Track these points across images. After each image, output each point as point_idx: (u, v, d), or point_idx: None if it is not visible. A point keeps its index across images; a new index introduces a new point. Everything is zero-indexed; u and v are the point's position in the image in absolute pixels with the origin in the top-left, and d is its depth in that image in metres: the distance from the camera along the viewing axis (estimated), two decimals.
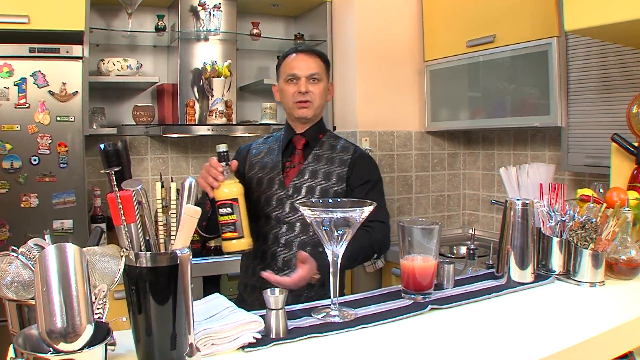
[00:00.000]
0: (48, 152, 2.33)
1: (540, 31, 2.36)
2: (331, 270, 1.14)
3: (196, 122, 2.94)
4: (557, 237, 1.46)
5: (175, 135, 3.10)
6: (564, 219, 1.43)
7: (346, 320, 1.13)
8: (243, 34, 3.10)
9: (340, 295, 1.74)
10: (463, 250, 2.92)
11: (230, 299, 1.15)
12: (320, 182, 1.75)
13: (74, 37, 2.44)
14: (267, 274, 1.53)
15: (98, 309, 0.90)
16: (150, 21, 2.99)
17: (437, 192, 3.26)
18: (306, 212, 1.09)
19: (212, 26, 2.94)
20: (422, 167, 3.20)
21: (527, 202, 1.40)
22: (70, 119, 2.37)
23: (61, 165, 2.36)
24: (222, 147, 1.54)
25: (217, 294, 1.16)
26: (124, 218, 0.91)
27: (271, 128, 3.02)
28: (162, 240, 0.94)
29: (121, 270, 0.91)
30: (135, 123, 2.90)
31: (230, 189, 1.51)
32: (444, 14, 2.94)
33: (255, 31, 3.15)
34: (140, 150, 3.13)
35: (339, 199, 1.19)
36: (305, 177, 1.76)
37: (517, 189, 1.57)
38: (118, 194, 0.90)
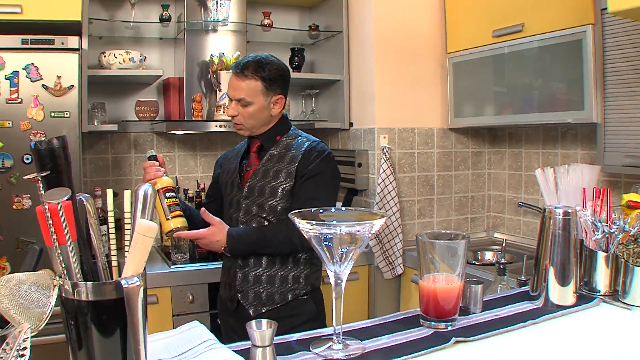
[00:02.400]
0: None
1: (574, 18, 2.13)
2: (333, 295, 0.95)
3: (204, 118, 2.78)
4: (603, 251, 1.25)
5: (180, 132, 2.94)
6: (612, 230, 1.22)
7: (351, 356, 0.94)
8: (253, 24, 2.92)
9: (309, 291, 1.78)
10: (488, 255, 2.71)
11: None
12: (269, 181, 1.77)
13: (70, 28, 2.28)
14: (179, 233, 1.66)
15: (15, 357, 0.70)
16: (156, 12, 2.82)
17: (461, 193, 3.05)
18: (302, 225, 0.90)
19: (220, 16, 2.76)
20: (445, 166, 2.98)
21: (569, 210, 1.19)
22: (65, 115, 2.22)
23: None
24: (150, 152, 1.74)
25: (196, 323, 0.98)
26: (55, 237, 0.72)
27: None
28: (115, 264, 0.76)
29: (52, 305, 0.73)
30: (138, 119, 2.74)
31: (167, 179, 1.70)
32: (468, 1, 2.72)
33: (266, 22, 2.96)
34: (145, 148, 2.97)
35: (343, 208, 1.00)
36: (258, 178, 1.79)
37: (556, 194, 1.36)
38: (47, 207, 0.72)
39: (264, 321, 0.87)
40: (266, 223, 1.78)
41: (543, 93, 2.34)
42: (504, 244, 1.46)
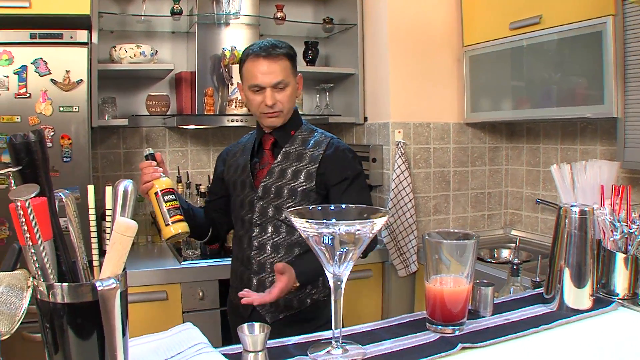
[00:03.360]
0: (50, 145, 2.17)
1: (593, 9, 2.04)
2: (333, 298, 0.90)
3: (216, 112, 2.75)
4: (622, 252, 1.18)
5: (192, 127, 2.92)
6: (631, 230, 1.15)
7: None
8: (266, 17, 2.88)
9: (328, 294, 1.65)
10: (504, 253, 2.63)
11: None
12: (288, 182, 1.66)
13: (79, 22, 2.27)
14: (246, 298, 1.50)
15: None
16: (168, 6, 2.78)
17: (477, 190, 2.97)
18: (300, 224, 0.85)
19: (232, 9, 2.72)
20: (461, 162, 2.91)
21: (587, 209, 1.13)
22: (74, 109, 2.20)
23: (64, 159, 2.20)
24: (147, 151, 1.60)
25: (189, 324, 0.95)
26: (28, 236, 0.69)
27: None
28: (96, 264, 0.72)
29: (24, 307, 0.69)
30: (148, 113, 2.72)
31: (167, 180, 1.57)
32: None
33: (279, 14, 2.92)
34: (157, 143, 2.96)
35: (343, 205, 0.95)
36: (274, 177, 1.67)
37: (572, 192, 1.29)
38: (19, 204, 0.68)
39: (257, 325, 0.83)
40: (283, 226, 1.68)
41: (561, 87, 2.25)
42: (517, 243, 1.40)
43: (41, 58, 2.14)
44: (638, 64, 1.97)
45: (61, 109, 2.18)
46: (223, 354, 0.86)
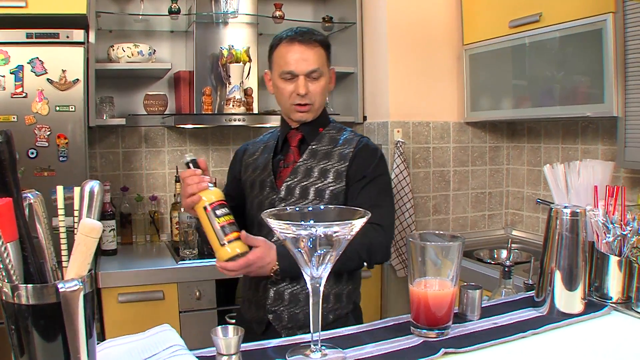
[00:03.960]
0: (47, 144, 2.17)
1: (593, 7, 2.01)
2: (311, 301, 0.89)
3: (215, 112, 2.74)
4: (615, 255, 1.16)
5: (190, 126, 2.91)
6: (625, 232, 1.12)
7: None
8: (264, 16, 2.86)
9: (351, 310, 1.53)
10: (504, 254, 2.60)
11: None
12: (314, 182, 1.50)
13: (75, 22, 2.26)
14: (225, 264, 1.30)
15: None
16: (167, 5, 2.78)
17: (478, 189, 2.94)
18: (275, 225, 0.84)
19: (230, 8, 2.71)
20: (461, 161, 2.88)
21: (578, 210, 1.10)
22: (70, 109, 2.19)
23: (61, 158, 2.19)
24: (188, 157, 1.34)
25: (166, 326, 0.93)
26: None
27: None
28: (65, 265, 0.71)
29: None
30: (146, 113, 2.71)
31: (216, 190, 1.32)
32: None
33: (277, 13, 2.90)
34: (156, 142, 2.95)
35: (321, 207, 0.93)
36: (299, 177, 1.51)
37: (566, 192, 1.26)
38: None
39: (230, 327, 0.82)
40: None
41: (561, 86, 2.22)
42: (509, 245, 1.37)
43: (37, 58, 2.14)
44: (638, 62, 1.94)
45: (57, 108, 2.18)
46: (198, 357, 0.85)
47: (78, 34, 2.19)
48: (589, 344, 0.99)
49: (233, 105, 2.68)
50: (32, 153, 2.15)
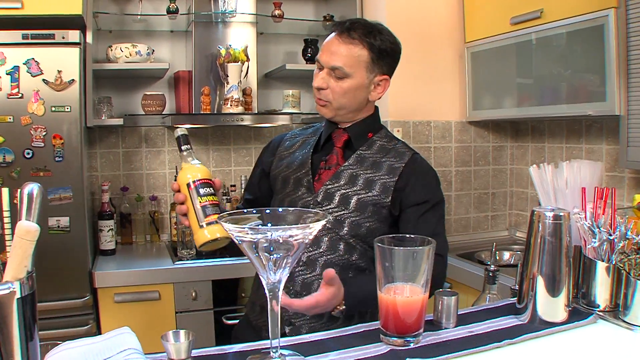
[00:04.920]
0: (42, 144, 2.17)
1: (595, 2, 1.95)
2: (269, 306, 0.85)
3: (214, 112, 2.72)
4: (603, 261, 1.10)
5: (190, 126, 2.89)
6: (612, 237, 1.07)
7: None
8: (263, 15, 2.84)
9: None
10: (506, 256, 2.55)
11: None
12: (358, 191, 1.37)
13: (71, 22, 2.26)
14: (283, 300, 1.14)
15: None
16: (166, 5, 2.78)
17: (481, 190, 2.88)
18: (232, 229, 0.81)
19: (229, 8, 2.69)
20: (463, 161, 2.82)
21: (561, 213, 1.05)
22: (66, 109, 2.19)
23: (56, 159, 2.19)
24: (180, 131, 1.23)
25: (125, 329, 0.91)
26: None
27: (292, 118, 2.75)
28: None
29: None
30: (144, 113, 2.70)
31: (202, 167, 1.20)
32: None
33: (276, 12, 2.87)
34: (156, 142, 2.95)
35: (280, 209, 0.89)
36: (341, 182, 1.38)
37: (553, 194, 1.21)
38: None
39: (182, 332, 0.79)
40: (341, 243, 1.37)
41: (563, 84, 2.16)
42: (493, 249, 1.33)
43: (33, 58, 2.14)
44: None
45: (53, 109, 2.18)
46: None
47: (74, 35, 2.19)
48: (570, 355, 0.95)
49: (231, 105, 2.66)
50: (28, 153, 2.15)
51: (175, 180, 1.22)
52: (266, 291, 0.85)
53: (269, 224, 0.87)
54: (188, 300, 2.38)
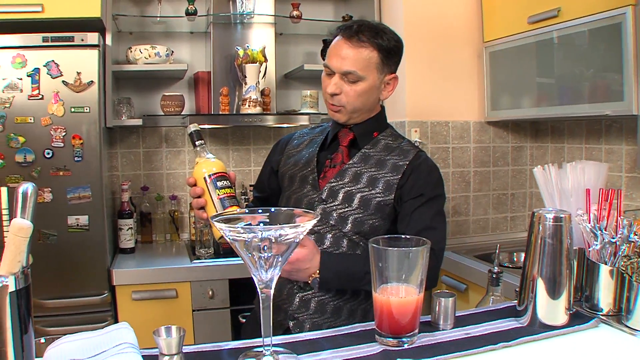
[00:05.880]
0: (62, 145, 2.22)
1: (612, 0, 1.90)
2: (261, 305, 0.87)
3: (233, 112, 2.75)
4: (606, 264, 1.08)
5: (209, 126, 2.93)
6: (614, 239, 1.05)
7: None
8: (281, 16, 2.85)
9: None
10: (523, 257, 2.50)
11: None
12: (362, 189, 1.39)
13: (90, 25, 2.32)
14: None
15: None
16: (185, 7, 2.82)
17: (500, 190, 2.85)
18: (223, 227, 0.82)
19: (247, 9, 2.72)
20: (482, 162, 2.79)
21: (562, 215, 1.04)
22: (85, 110, 2.25)
23: (76, 158, 2.25)
24: (192, 127, 1.30)
25: (123, 324, 0.93)
26: None
27: (310, 118, 2.76)
28: None
29: None
30: (163, 113, 2.75)
31: (218, 161, 1.27)
32: None
33: (294, 13, 2.89)
34: (176, 142, 3.00)
35: (272, 209, 0.90)
36: (345, 180, 1.41)
37: (558, 196, 1.19)
38: None
39: (174, 328, 0.81)
40: (345, 240, 1.40)
41: (580, 83, 2.12)
42: (497, 251, 1.31)
43: (53, 60, 2.20)
44: None
45: (72, 109, 2.23)
46: (143, 356, 0.84)
47: (92, 37, 2.25)
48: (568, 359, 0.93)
49: (249, 106, 2.69)
50: (48, 153, 2.21)
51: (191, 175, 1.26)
52: (258, 290, 0.86)
53: (261, 224, 0.88)
54: (205, 298, 2.41)
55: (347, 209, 1.39)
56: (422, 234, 1.09)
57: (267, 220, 0.92)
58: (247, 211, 0.91)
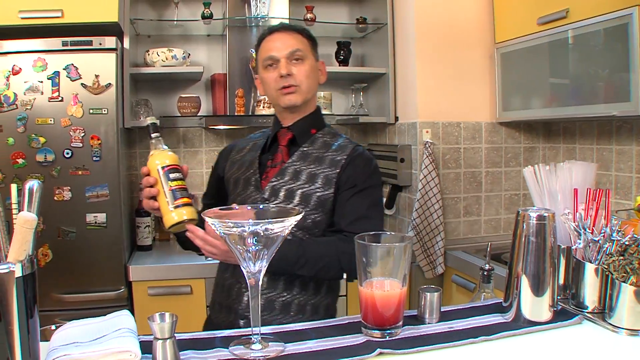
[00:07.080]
0: (81, 145, 2.32)
1: (620, 0, 1.90)
2: (250, 295, 0.92)
3: (248, 113, 2.82)
4: (592, 262, 1.11)
5: (225, 127, 3.00)
6: (596, 238, 1.07)
7: (266, 357, 0.90)
8: (295, 19, 2.91)
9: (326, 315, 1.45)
10: None
11: None
12: (302, 185, 1.44)
13: (108, 29, 2.41)
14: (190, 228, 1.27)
15: None
16: (201, 10, 2.90)
17: (511, 191, 2.85)
18: (212, 222, 0.88)
19: (261, 12, 2.78)
20: (494, 162, 2.80)
21: (545, 214, 1.06)
22: (103, 112, 2.34)
23: (94, 158, 2.34)
24: (150, 120, 1.33)
25: (124, 312, 1.00)
26: None
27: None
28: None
29: None
30: (179, 114, 2.83)
31: (173, 155, 1.32)
32: None
33: (308, 16, 2.94)
34: (194, 143, 3.08)
35: (261, 206, 0.96)
36: (285, 178, 1.45)
37: (547, 195, 1.22)
38: None
39: (167, 314, 0.87)
40: (289, 237, 1.42)
41: (590, 83, 2.11)
42: (488, 249, 1.34)
43: (72, 64, 2.29)
44: None
45: (91, 111, 2.32)
46: (140, 341, 0.91)
47: (110, 41, 2.33)
48: (548, 355, 0.96)
49: (264, 107, 2.76)
50: (68, 153, 2.30)
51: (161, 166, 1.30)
52: (247, 280, 0.91)
53: (250, 220, 0.93)
54: None
55: (288, 206, 1.42)
56: (357, 223, 1.12)
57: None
58: (236, 207, 0.97)
